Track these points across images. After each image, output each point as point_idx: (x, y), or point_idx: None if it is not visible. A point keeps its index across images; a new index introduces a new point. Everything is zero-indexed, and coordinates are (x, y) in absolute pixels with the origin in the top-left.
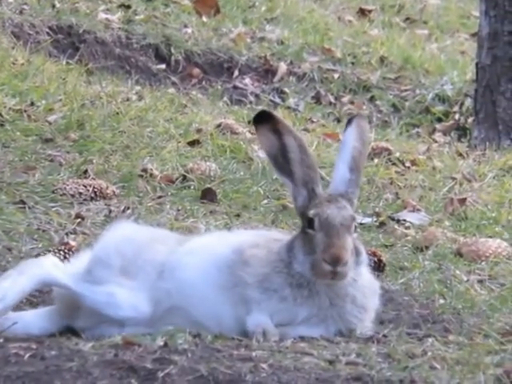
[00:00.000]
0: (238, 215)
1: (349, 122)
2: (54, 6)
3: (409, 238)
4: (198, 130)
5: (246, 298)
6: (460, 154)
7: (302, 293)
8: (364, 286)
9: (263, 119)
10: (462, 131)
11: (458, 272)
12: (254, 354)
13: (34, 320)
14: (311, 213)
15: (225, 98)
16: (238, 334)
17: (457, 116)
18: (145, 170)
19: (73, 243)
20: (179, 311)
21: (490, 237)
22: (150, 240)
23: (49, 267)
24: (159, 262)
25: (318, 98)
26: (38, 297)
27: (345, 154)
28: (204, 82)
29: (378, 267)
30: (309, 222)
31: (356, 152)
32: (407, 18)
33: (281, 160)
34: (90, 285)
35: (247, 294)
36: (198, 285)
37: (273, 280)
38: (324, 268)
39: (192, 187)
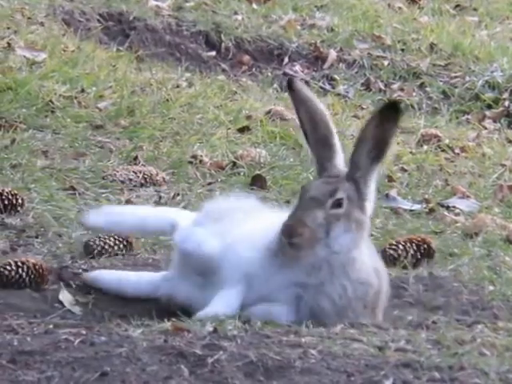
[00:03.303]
0: (288, 202)
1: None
2: None
3: (458, 224)
4: (248, 117)
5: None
6: (510, 141)
7: (276, 262)
8: (356, 270)
9: (290, 88)
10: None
11: (507, 258)
12: (303, 340)
13: (138, 281)
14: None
15: (275, 85)
16: None
17: (506, 103)
18: (195, 157)
19: None
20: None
21: None
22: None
23: (180, 218)
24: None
25: (367, 85)
26: None
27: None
28: (254, 69)
29: (427, 254)
30: None
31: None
32: (457, 5)
33: (302, 131)
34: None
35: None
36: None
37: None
38: (281, 239)
39: (242, 174)
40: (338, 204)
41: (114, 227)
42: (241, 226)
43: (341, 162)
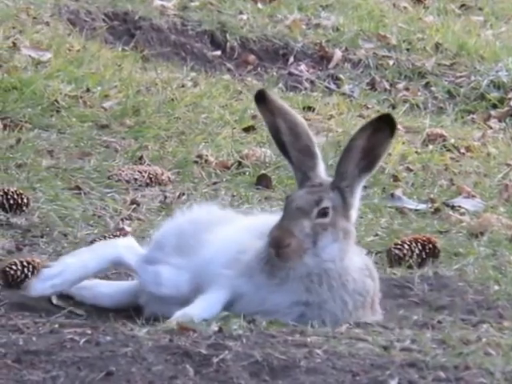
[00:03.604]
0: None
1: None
2: None
3: (463, 224)
4: (253, 117)
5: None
6: None
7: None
8: (352, 280)
9: (261, 99)
10: None
11: None
12: (308, 339)
13: (108, 291)
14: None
15: (280, 85)
16: None
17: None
18: (200, 156)
19: (128, 229)
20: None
21: None
22: (210, 221)
23: (121, 248)
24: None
25: (373, 85)
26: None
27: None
28: (259, 69)
29: (432, 253)
30: None
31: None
32: (462, 5)
33: (279, 141)
34: (145, 264)
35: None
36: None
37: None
38: (269, 250)
39: (247, 173)
40: (323, 213)
41: (62, 287)
42: (208, 240)
43: (322, 170)
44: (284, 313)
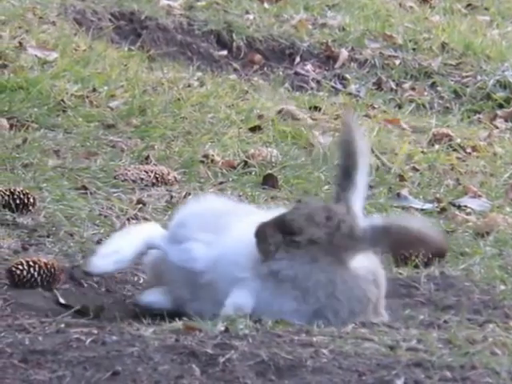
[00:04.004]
0: (299, 201)
1: None
2: None
3: (470, 224)
4: (260, 116)
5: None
6: None
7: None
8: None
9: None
10: None
11: None
12: (314, 339)
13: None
14: None
15: (286, 85)
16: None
17: None
18: (206, 156)
19: None
20: (212, 286)
21: None
22: (227, 210)
23: (150, 231)
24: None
25: (379, 84)
26: None
27: None
28: (265, 69)
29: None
30: None
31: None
32: (468, 4)
33: None
34: (173, 244)
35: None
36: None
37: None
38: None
39: (253, 173)
40: None
41: (122, 265)
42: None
43: None
44: (292, 317)
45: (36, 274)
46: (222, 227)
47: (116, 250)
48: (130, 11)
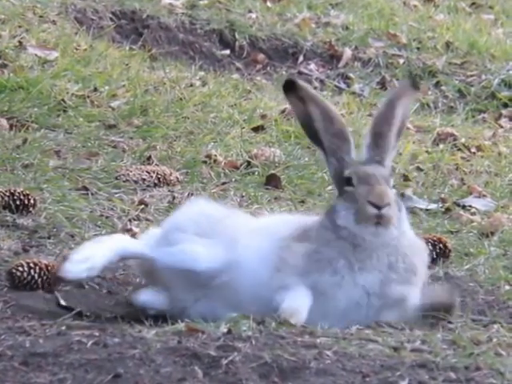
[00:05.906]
0: (303, 201)
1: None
2: None
3: (474, 224)
4: (263, 116)
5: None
6: None
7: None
8: (409, 245)
9: (290, 88)
10: None
11: None
12: (318, 340)
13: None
14: (347, 172)
15: None
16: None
17: None
18: (209, 156)
19: (136, 230)
20: (226, 288)
21: None
22: (223, 215)
23: (122, 241)
24: (229, 235)
25: (383, 84)
26: None
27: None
28: (268, 68)
29: (443, 253)
30: (347, 181)
31: (377, 117)
32: (473, 3)
33: (310, 129)
34: (166, 248)
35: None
36: (251, 264)
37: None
38: (369, 211)
39: (256, 173)
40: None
41: (94, 272)
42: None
43: (354, 154)
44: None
45: (36, 275)
46: (219, 232)
47: (88, 257)
48: (132, 10)
